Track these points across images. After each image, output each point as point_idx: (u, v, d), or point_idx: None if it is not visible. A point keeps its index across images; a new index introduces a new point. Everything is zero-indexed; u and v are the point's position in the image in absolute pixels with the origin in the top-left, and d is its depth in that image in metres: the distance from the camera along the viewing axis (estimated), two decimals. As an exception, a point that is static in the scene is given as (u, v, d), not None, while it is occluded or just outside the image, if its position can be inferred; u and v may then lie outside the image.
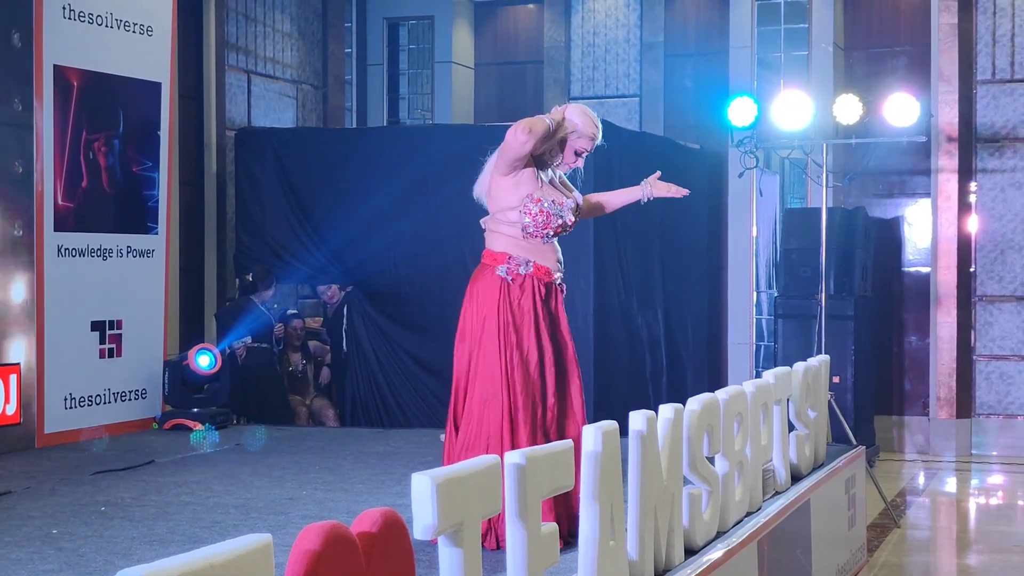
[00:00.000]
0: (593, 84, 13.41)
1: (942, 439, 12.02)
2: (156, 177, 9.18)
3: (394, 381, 10.39)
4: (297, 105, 12.23)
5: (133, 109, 9.00)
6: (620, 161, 10.32)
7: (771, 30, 12.51)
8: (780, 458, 6.45)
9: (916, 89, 11.51)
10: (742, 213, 12.26)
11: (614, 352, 10.30)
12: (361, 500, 6.20)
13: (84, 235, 8.56)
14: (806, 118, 10.23)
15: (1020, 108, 12.09)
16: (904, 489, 10.47)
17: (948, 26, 12.02)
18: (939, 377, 12.06)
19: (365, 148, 10.57)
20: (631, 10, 13.26)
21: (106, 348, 8.75)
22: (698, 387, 10.92)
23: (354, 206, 10.40)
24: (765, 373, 6.53)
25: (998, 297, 12.16)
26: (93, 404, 8.63)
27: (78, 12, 8.47)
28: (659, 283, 11.28)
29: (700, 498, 5.11)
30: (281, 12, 12.02)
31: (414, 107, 13.82)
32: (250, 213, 10.67)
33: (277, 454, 7.80)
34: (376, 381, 10.41)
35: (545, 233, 5.15)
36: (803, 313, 11.14)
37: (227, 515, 5.82)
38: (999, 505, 10.42)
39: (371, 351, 10.42)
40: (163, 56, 9.23)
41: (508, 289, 5.10)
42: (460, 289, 5.33)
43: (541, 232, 5.14)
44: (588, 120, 5.22)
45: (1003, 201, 12.12)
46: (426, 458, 7.29)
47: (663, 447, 4.68)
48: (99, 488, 6.56)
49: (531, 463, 3.60)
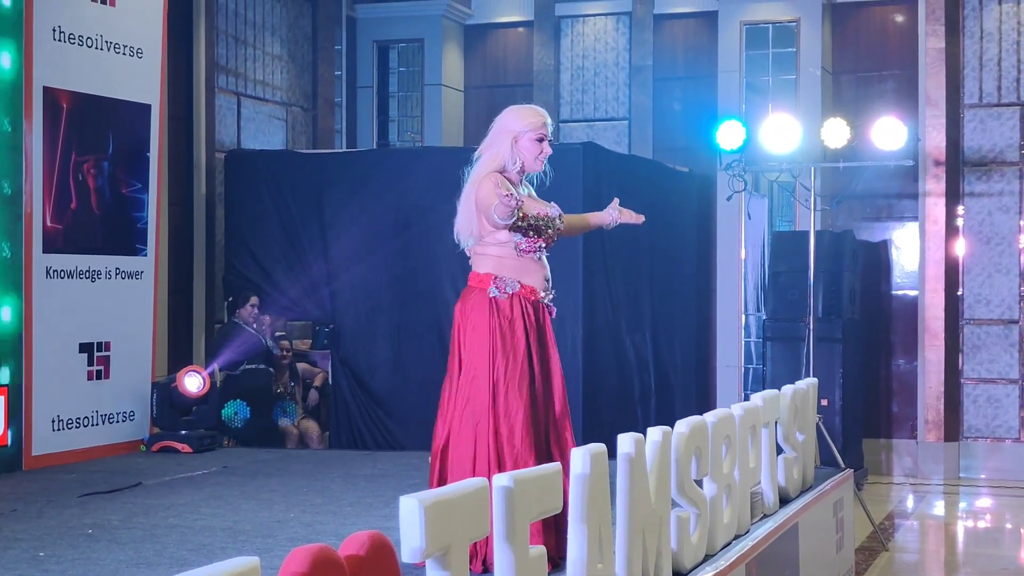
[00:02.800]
0: (582, 107, 13.45)
1: (930, 462, 12.04)
2: (145, 199, 9.18)
3: (383, 403, 10.38)
4: (287, 127, 12.25)
5: (123, 131, 9.01)
6: (609, 184, 10.34)
7: (759, 54, 12.56)
8: (768, 481, 6.46)
9: (904, 113, 11.56)
10: (730, 236, 12.29)
11: (602, 374, 10.30)
12: (349, 523, 6.19)
13: (73, 256, 8.56)
14: (794, 141, 10.27)
15: (1007, 132, 12.15)
16: (892, 512, 10.47)
17: (935, 50, 12.08)
18: (927, 400, 12.08)
19: (355, 170, 10.58)
20: (620, 34, 13.32)
21: (94, 370, 8.74)
22: (686, 410, 10.92)
23: (344, 227, 10.40)
24: (753, 396, 6.54)
25: (986, 320, 12.19)
26: (81, 426, 8.61)
27: (68, 34, 8.48)
28: (648, 305, 11.30)
29: (688, 521, 5.11)
30: (271, 35, 12.05)
31: (404, 129, 13.84)
32: (239, 235, 10.67)
33: (265, 476, 7.78)
34: (365, 403, 10.39)
35: (539, 247, 5.16)
36: (791, 336, 11.16)
37: (214, 538, 5.80)
38: (987, 528, 10.43)
39: (360, 372, 10.41)
40: (153, 78, 9.24)
41: (496, 310, 5.09)
42: (449, 309, 5.34)
43: (535, 247, 5.14)
44: (520, 112, 5.22)
45: (990, 225, 12.17)
46: (414, 480, 7.28)
47: (651, 470, 4.69)
48: (86, 511, 6.54)
49: (519, 486, 3.60)
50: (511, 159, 5.17)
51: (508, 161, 5.17)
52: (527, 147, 5.19)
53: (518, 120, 5.20)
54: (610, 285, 10.47)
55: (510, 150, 5.17)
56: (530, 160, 5.20)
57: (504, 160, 5.17)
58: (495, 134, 5.22)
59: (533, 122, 5.20)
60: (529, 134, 5.18)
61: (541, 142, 5.21)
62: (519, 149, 5.18)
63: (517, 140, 5.18)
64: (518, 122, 5.20)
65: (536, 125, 5.19)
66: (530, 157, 5.20)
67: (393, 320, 10.39)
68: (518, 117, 5.21)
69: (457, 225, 5.23)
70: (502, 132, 5.20)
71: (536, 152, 5.21)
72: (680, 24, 13.15)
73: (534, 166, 5.23)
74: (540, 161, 5.23)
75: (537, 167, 5.24)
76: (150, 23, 9.22)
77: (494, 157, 5.18)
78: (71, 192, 8.57)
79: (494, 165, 5.17)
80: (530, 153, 5.19)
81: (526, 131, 5.18)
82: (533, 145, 5.20)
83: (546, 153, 5.24)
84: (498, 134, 5.21)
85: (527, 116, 5.21)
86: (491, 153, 5.20)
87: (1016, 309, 12.09)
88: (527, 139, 5.18)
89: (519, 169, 5.20)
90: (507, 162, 5.17)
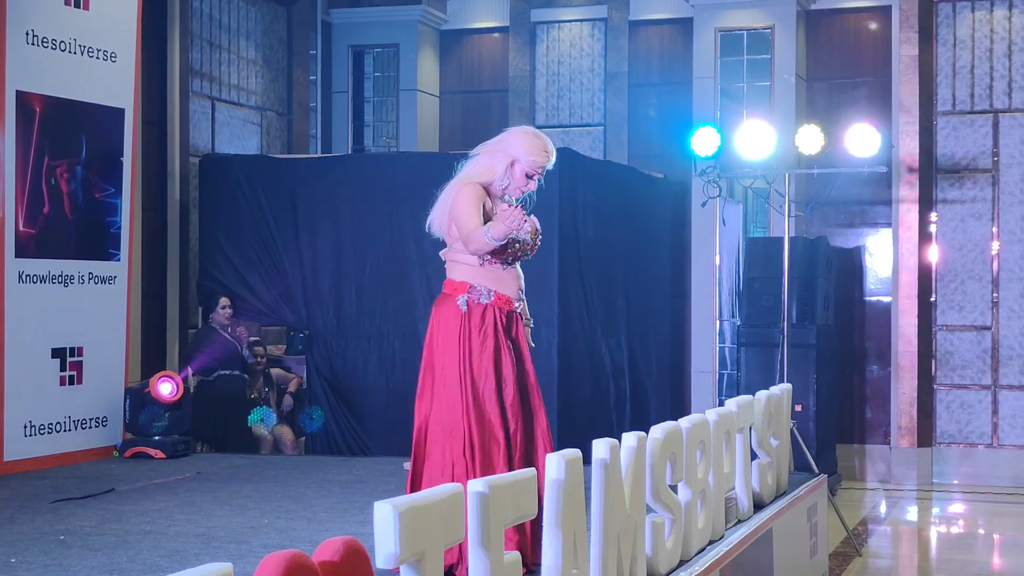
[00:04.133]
0: (558, 113, 13.46)
1: (903, 467, 12.08)
2: (119, 203, 9.15)
3: (357, 409, 10.36)
4: (262, 132, 12.22)
5: (96, 135, 8.97)
6: (584, 190, 10.37)
7: (734, 60, 12.60)
8: (743, 486, 6.47)
9: (877, 120, 11.61)
10: (705, 242, 12.31)
11: (578, 381, 10.31)
12: (324, 529, 6.18)
13: (45, 261, 8.51)
14: (768, 148, 10.29)
15: (980, 139, 12.21)
16: (866, 517, 10.51)
17: (909, 58, 12.14)
18: (900, 406, 12.13)
19: (329, 175, 10.56)
20: (595, 40, 13.34)
21: (67, 375, 8.70)
22: (661, 415, 10.95)
23: (318, 232, 10.39)
24: (728, 402, 6.56)
25: (958, 327, 12.25)
26: (53, 432, 8.57)
27: (41, 38, 8.44)
28: (623, 312, 11.31)
29: (663, 526, 5.12)
30: (246, 39, 12.02)
31: (379, 135, 13.83)
32: (213, 240, 10.64)
33: (239, 482, 7.75)
34: (340, 409, 10.37)
35: (504, 259, 5.15)
36: (765, 342, 11.19)
37: (188, 544, 5.78)
38: (960, 534, 10.48)
39: (335, 379, 10.39)
40: (127, 82, 9.21)
41: (469, 319, 5.09)
42: (422, 316, 5.34)
43: (499, 257, 5.13)
44: (533, 144, 5.19)
45: (963, 231, 12.23)
46: (389, 486, 7.27)
47: (626, 475, 4.69)
48: (59, 516, 6.50)
49: (494, 491, 3.60)
50: (501, 178, 5.17)
51: (498, 178, 5.17)
52: (519, 176, 5.18)
53: (525, 149, 5.17)
54: (585, 291, 10.48)
55: (504, 170, 5.16)
56: (513, 188, 5.21)
57: (495, 176, 5.16)
58: (499, 148, 5.19)
59: (536, 160, 5.18)
60: (527, 167, 5.17)
61: (531, 178, 5.21)
62: (512, 172, 5.18)
63: (514, 164, 5.17)
64: (523, 150, 5.17)
65: (537, 164, 5.18)
66: (515, 186, 5.21)
67: (368, 326, 10.37)
68: (527, 146, 5.18)
69: (432, 214, 5.24)
70: (506, 150, 5.18)
71: (523, 184, 5.21)
72: (655, 30, 13.18)
73: (514, 193, 5.24)
74: (521, 192, 5.24)
75: (515, 195, 5.25)
76: (124, 27, 9.18)
77: (488, 168, 5.17)
78: (44, 197, 8.52)
79: (484, 176, 5.16)
80: (518, 182, 5.20)
81: (526, 163, 5.16)
82: (523, 177, 5.19)
83: (530, 188, 5.24)
84: (502, 150, 5.19)
85: (535, 151, 5.18)
86: (486, 162, 5.18)
87: (989, 315, 12.15)
88: (521, 169, 5.17)
89: (504, 188, 5.20)
90: (497, 179, 5.17)
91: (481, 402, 5.02)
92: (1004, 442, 12.10)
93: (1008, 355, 12.08)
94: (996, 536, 10.23)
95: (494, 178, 5.17)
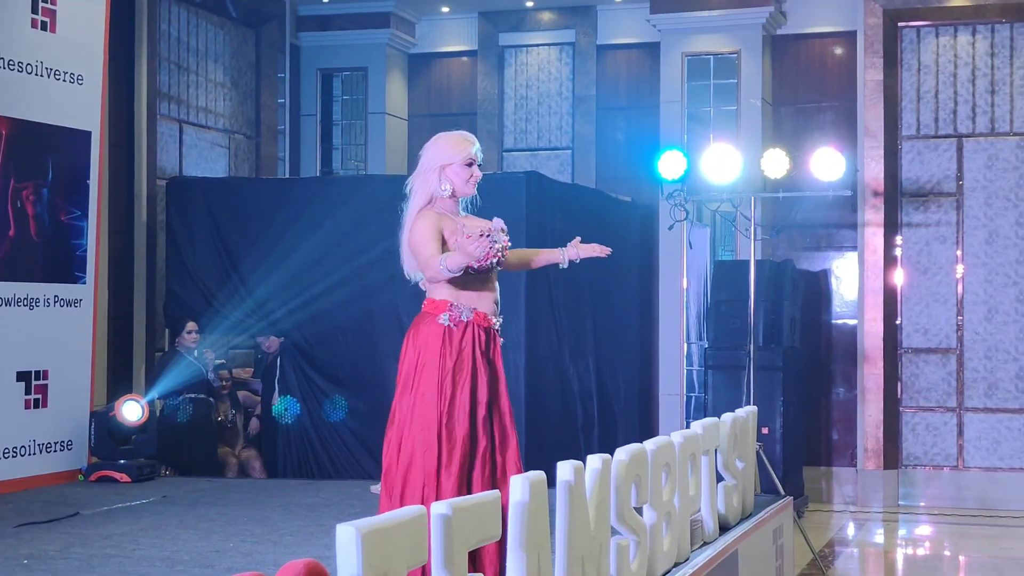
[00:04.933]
0: (526, 136, 13.51)
1: (870, 490, 12.13)
2: (85, 226, 9.12)
3: (324, 432, 10.33)
4: (229, 155, 12.21)
5: (62, 158, 8.95)
6: (552, 213, 10.39)
7: (701, 85, 12.68)
8: (708, 508, 6.49)
9: (842, 144, 11.71)
10: (672, 265, 12.36)
11: (545, 403, 10.31)
12: (289, 552, 6.16)
13: (10, 284, 8.48)
14: (735, 172, 10.35)
15: (944, 163, 12.32)
16: (832, 539, 10.54)
17: (874, 83, 12.25)
18: (866, 428, 12.19)
19: (297, 198, 10.55)
20: (563, 64, 13.40)
21: (32, 399, 8.65)
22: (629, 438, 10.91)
23: (285, 255, 10.37)
24: (693, 424, 6.57)
25: (924, 349, 12.33)
26: (18, 455, 8.51)
27: (7, 60, 8.42)
28: (591, 334, 11.33)
29: (628, 548, 5.12)
30: (214, 62, 12.02)
31: (347, 158, 13.84)
32: (181, 263, 10.61)
33: (204, 506, 7.72)
34: (306, 432, 10.34)
35: (491, 262, 5.13)
36: (732, 364, 11.23)
37: (152, 568, 5.75)
38: (926, 556, 10.52)
39: (301, 401, 10.37)
40: (93, 105, 9.20)
41: (450, 337, 5.08)
42: (390, 339, 5.34)
43: (486, 262, 5.11)
44: (448, 143, 5.21)
45: (928, 255, 12.32)
46: (355, 509, 7.25)
47: (591, 497, 4.69)
48: (22, 540, 6.46)
49: (457, 514, 3.60)
50: (438, 187, 5.17)
51: (436, 190, 5.16)
52: (456, 173, 5.18)
53: (443, 152, 5.19)
54: (554, 313, 10.50)
55: (438, 180, 5.17)
56: (460, 185, 5.19)
57: (433, 190, 5.16)
58: (423, 168, 5.21)
59: (458, 150, 5.19)
60: (456, 162, 5.19)
61: (470, 166, 5.22)
62: (447, 176, 5.18)
63: (444, 169, 5.18)
64: (443, 153, 5.18)
65: (463, 155, 5.19)
66: (460, 182, 5.19)
67: (336, 346, 10.36)
68: (444, 148, 5.20)
69: (403, 263, 5.25)
70: (429, 165, 5.18)
71: (466, 176, 5.19)
72: (623, 55, 13.25)
73: (465, 190, 5.22)
74: (471, 184, 5.22)
75: (469, 190, 5.23)
76: (91, 50, 9.17)
77: (423, 190, 5.18)
78: (9, 219, 8.49)
79: (424, 199, 5.17)
80: (460, 179, 5.18)
81: (452, 161, 5.18)
82: (463, 170, 5.19)
83: (476, 177, 5.23)
84: (425, 168, 5.19)
85: (452, 146, 5.20)
86: (419, 186, 5.19)
87: (954, 338, 12.24)
88: (453, 169, 5.18)
89: (448, 194, 5.19)
90: (436, 191, 5.17)
91: (456, 421, 5.02)
92: (969, 464, 12.17)
93: (973, 378, 12.17)
94: (962, 558, 10.28)
95: (433, 193, 5.17)
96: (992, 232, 12.18)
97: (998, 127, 12.21)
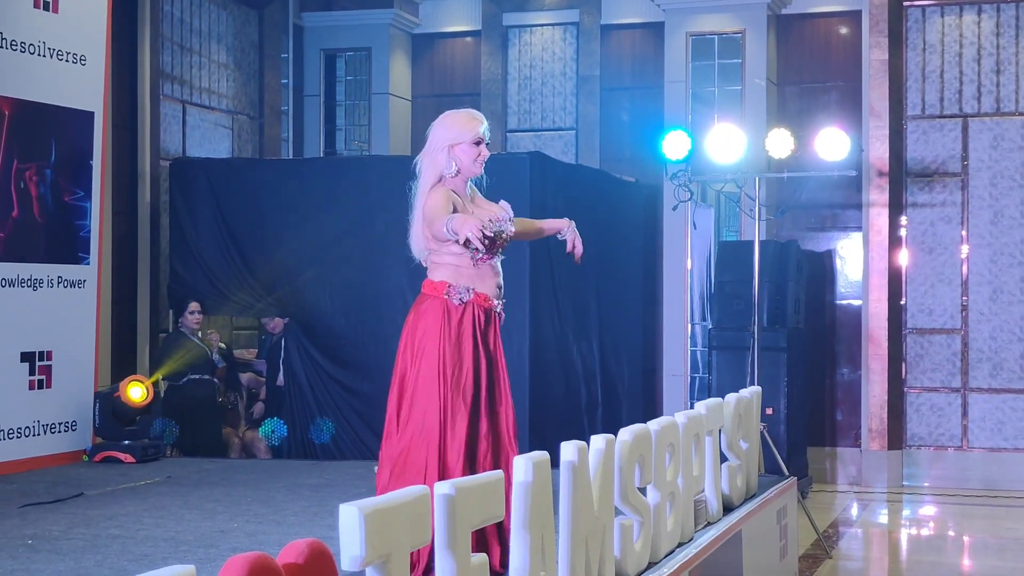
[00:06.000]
0: (530, 117, 13.48)
1: (874, 470, 12.13)
2: (88, 207, 9.11)
3: (328, 413, 10.34)
4: (233, 136, 12.19)
5: (65, 138, 8.93)
6: (556, 194, 10.37)
7: (705, 65, 12.64)
8: (712, 489, 6.49)
9: (847, 124, 11.68)
10: (677, 246, 12.35)
11: (549, 385, 10.31)
12: (293, 532, 6.16)
13: (14, 265, 8.47)
14: (739, 152, 10.32)
15: (949, 143, 12.28)
16: (836, 520, 10.54)
17: (879, 62, 12.20)
18: (871, 409, 12.18)
19: (300, 179, 10.54)
20: (567, 44, 13.36)
21: (36, 379, 8.65)
22: (633, 419, 10.95)
23: (289, 237, 10.36)
24: (697, 404, 6.57)
25: (928, 330, 12.31)
26: (23, 436, 8.52)
27: (10, 40, 8.40)
28: (594, 315, 11.32)
29: (631, 529, 5.12)
30: (217, 42, 11.99)
31: (351, 138, 13.81)
32: (184, 244, 10.60)
33: (209, 486, 7.73)
34: (311, 412, 10.35)
35: (494, 253, 5.14)
36: (736, 345, 11.22)
37: (156, 548, 5.75)
38: (930, 536, 10.53)
39: (306, 382, 10.37)
40: (96, 85, 9.17)
41: (449, 318, 5.08)
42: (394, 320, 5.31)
43: (490, 253, 5.13)
44: (456, 121, 5.20)
45: (933, 235, 12.30)
46: (359, 490, 7.25)
47: (594, 477, 4.69)
48: (27, 521, 6.47)
49: (461, 494, 3.59)
50: (447, 166, 5.16)
51: (444, 169, 5.16)
52: (464, 152, 5.17)
53: (451, 130, 5.18)
54: (557, 295, 10.48)
55: (447, 159, 5.16)
56: (468, 164, 5.19)
57: (442, 169, 5.16)
58: (431, 146, 5.20)
59: (466, 129, 5.18)
60: (465, 141, 5.17)
61: (478, 145, 5.20)
62: (455, 156, 5.17)
63: (453, 148, 5.17)
64: (451, 132, 5.17)
65: (472, 133, 5.18)
66: (467, 162, 5.18)
67: (340, 328, 10.35)
68: (452, 127, 5.19)
69: (412, 243, 5.23)
70: (438, 144, 5.18)
71: (473, 155, 5.19)
72: (627, 35, 13.21)
73: (473, 169, 5.21)
74: (479, 164, 5.22)
75: (477, 170, 5.22)
76: (94, 30, 9.15)
77: (433, 168, 5.18)
78: (12, 200, 8.48)
79: (433, 178, 5.16)
80: (467, 158, 5.18)
81: (460, 140, 5.17)
82: (470, 149, 5.18)
83: (484, 156, 5.22)
84: (434, 148, 5.19)
85: (460, 124, 5.19)
86: (428, 165, 5.19)
87: (958, 318, 12.22)
88: (462, 148, 5.17)
89: (455, 174, 5.18)
90: (445, 169, 5.16)
91: (456, 402, 5.01)
92: (974, 445, 12.17)
93: (978, 358, 12.15)
94: (966, 538, 10.28)
95: (443, 171, 5.16)
96: (997, 212, 12.16)
97: (1004, 107, 12.17)
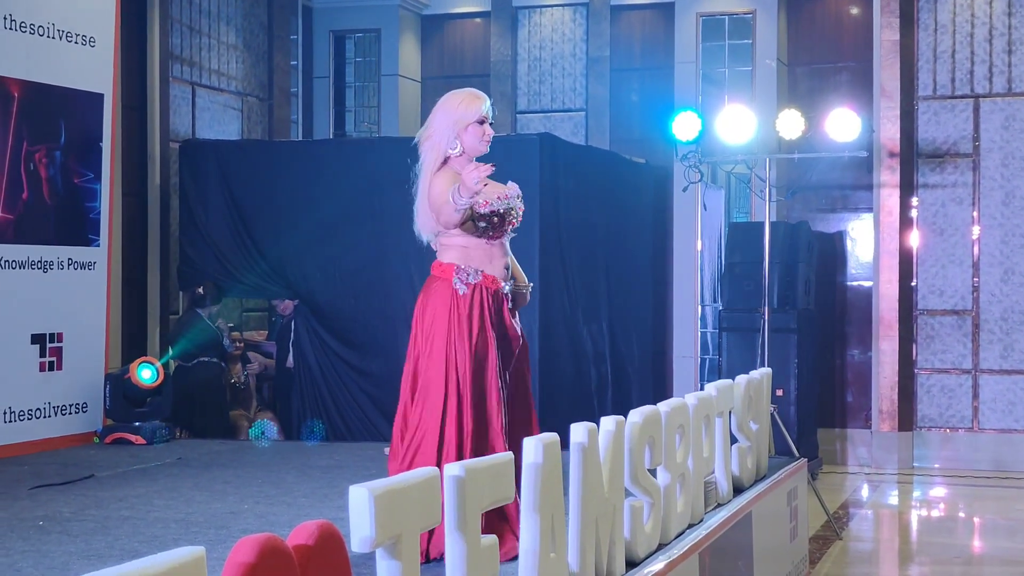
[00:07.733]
0: (540, 98, 13.45)
1: (884, 452, 12.12)
2: (98, 189, 9.11)
3: (338, 394, 10.35)
4: (242, 117, 12.18)
5: (75, 120, 8.92)
6: (565, 175, 10.35)
7: (716, 45, 12.60)
8: (722, 470, 6.48)
9: (858, 105, 11.63)
10: (687, 227, 12.33)
11: (559, 366, 10.31)
12: (303, 514, 6.16)
13: (24, 247, 8.47)
14: (750, 133, 10.30)
15: (961, 124, 12.23)
16: (847, 501, 10.54)
17: (890, 43, 12.15)
18: (881, 390, 12.16)
19: (310, 161, 10.53)
20: (577, 24, 13.32)
21: (46, 361, 8.66)
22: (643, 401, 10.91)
23: (299, 219, 10.36)
24: (707, 386, 6.56)
25: (939, 311, 12.29)
26: (33, 418, 8.54)
27: (19, 22, 8.39)
28: (604, 297, 11.31)
29: (641, 510, 5.12)
30: (226, 24, 11.97)
31: (360, 120, 13.80)
32: (194, 225, 10.60)
33: (219, 468, 7.74)
34: (321, 394, 10.36)
35: (505, 231, 5.13)
36: (747, 326, 11.21)
37: (167, 529, 5.76)
38: (940, 517, 10.52)
39: (316, 364, 10.38)
40: (106, 67, 9.16)
41: (457, 300, 5.07)
42: (404, 302, 5.32)
43: (501, 230, 5.11)
44: (459, 101, 5.16)
45: (944, 216, 12.26)
46: (370, 471, 7.25)
47: (604, 459, 4.68)
48: (38, 502, 6.48)
49: (470, 475, 3.59)
50: (451, 144, 5.13)
51: (450, 147, 5.12)
52: (470, 132, 5.15)
53: (455, 111, 5.15)
54: (566, 276, 10.47)
55: (450, 138, 5.13)
56: (473, 143, 5.16)
57: (445, 148, 5.13)
58: (435, 127, 5.17)
59: (471, 109, 5.15)
60: (468, 120, 5.15)
61: (482, 124, 5.18)
62: (460, 135, 5.14)
63: (456, 128, 5.14)
64: (455, 112, 5.14)
65: (474, 111, 5.15)
66: (473, 141, 5.15)
67: (349, 310, 10.36)
68: (456, 107, 5.15)
69: (417, 223, 5.21)
70: (442, 125, 5.15)
71: (479, 135, 5.16)
72: (637, 15, 13.17)
73: (479, 148, 5.18)
74: (485, 142, 5.19)
75: (482, 148, 5.19)
76: (103, 11, 9.14)
77: (436, 150, 5.14)
78: (22, 182, 8.48)
79: (438, 158, 5.14)
80: (473, 138, 5.15)
81: (466, 118, 5.14)
82: (476, 128, 5.15)
83: (489, 135, 5.20)
84: (437, 129, 5.16)
85: (464, 104, 5.16)
86: (430, 146, 5.16)
87: (969, 299, 12.19)
88: (467, 127, 5.15)
89: (459, 153, 5.15)
90: (449, 149, 5.13)
91: (466, 384, 5.01)
92: (984, 426, 12.15)
93: (988, 339, 12.13)
94: (976, 519, 10.28)
95: (447, 151, 5.13)
96: (1009, 193, 12.11)
97: (1015, 87, 12.11)
